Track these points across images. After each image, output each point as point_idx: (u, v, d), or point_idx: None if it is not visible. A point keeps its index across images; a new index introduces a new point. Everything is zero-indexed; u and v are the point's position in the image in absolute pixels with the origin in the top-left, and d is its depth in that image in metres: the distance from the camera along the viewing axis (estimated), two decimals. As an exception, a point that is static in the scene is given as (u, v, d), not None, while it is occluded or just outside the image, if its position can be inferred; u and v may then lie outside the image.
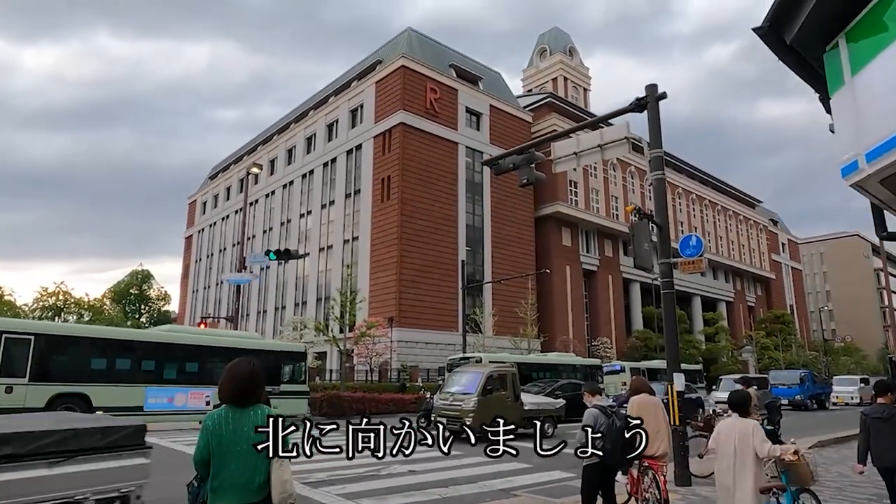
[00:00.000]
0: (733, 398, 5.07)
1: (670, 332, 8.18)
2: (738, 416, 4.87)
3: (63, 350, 14.96)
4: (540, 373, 29.41)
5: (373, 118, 42.15)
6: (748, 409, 4.98)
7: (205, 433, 3.02)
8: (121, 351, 15.86)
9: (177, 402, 16.26)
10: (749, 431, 4.64)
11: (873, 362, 78.44)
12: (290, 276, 48.57)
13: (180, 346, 17.10)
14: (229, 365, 3.19)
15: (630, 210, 7.85)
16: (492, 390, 12.57)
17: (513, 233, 45.27)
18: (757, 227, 74.91)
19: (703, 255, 8.33)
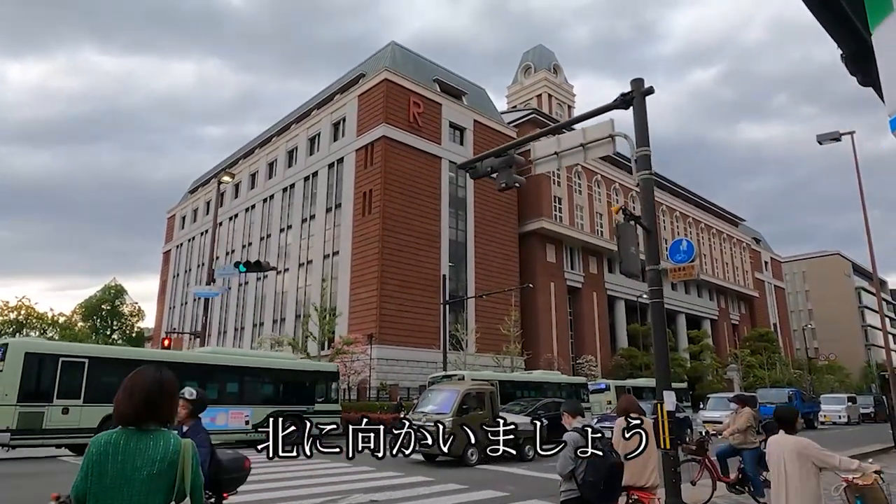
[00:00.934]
0: (781, 413, 4.68)
1: (660, 344, 7.47)
2: (785, 432, 4.51)
3: (114, 372, 15.20)
4: (523, 391, 28.75)
5: (355, 132, 41.53)
6: (795, 424, 4.61)
7: (86, 461, 2.16)
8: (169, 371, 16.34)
9: (218, 422, 16.68)
10: (802, 447, 4.31)
11: (856, 380, 78.59)
12: (269, 292, 47.41)
13: (222, 367, 17.73)
14: (131, 374, 2.42)
15: (616, 210, 7.18)
16: (468, 409, 11.72)
17: (497, 249, 44.65)
18: (740, 245, 75.13)
19: (693, 260, 7.67)
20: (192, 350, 28.59)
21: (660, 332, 7.48)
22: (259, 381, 18.65)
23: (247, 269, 18.28)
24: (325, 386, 19.95)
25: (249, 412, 17.45)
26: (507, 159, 10.35)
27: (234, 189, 56.25)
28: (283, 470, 11.42)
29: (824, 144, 17.30)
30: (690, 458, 7.85)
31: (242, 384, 18.02)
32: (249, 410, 17.47)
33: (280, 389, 19.16)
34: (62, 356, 14.45)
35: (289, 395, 19.10)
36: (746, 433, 7.78)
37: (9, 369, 13.50)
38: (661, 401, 7.19)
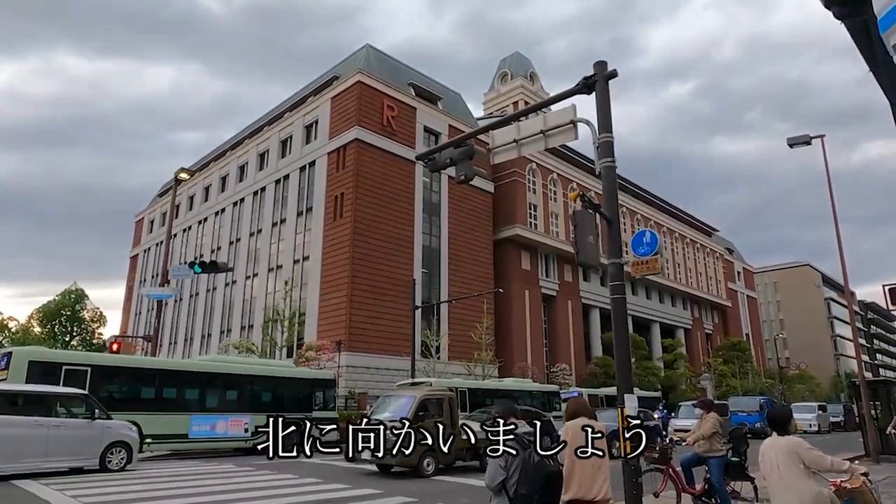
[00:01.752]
0: (773, 415, 4.73)
1: (621, 345, 6.91)
2: (778, 434, 4.53)
3: (116, 380, 15.79)
4: (494, 399, 28.48)
5: (327, 134, 40.76)
6: (789, 426, 4.59)
7: None
8: (168, 380, 16.65)
9: (218, 430, 16.91)
10: (794, 446, 4.31)
11: (826, 389, 79.60)
12: (238, 297, 46.18)
13: (221, 375, 17.86)
14: None
15: (574, 197, 6.62)
16: (425, 417, 11.05)
17: (471, 255, 44.12)
18: (714, 255, 75.80)
19: (658, 253, 7.16)
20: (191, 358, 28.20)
21: (621, 332, 6.92)
22: (258, 389, 18.80)
23: (202, 270, 17.42)
24: (323, 393, 20.25)
25: (248, 420, 17.52)
26: (466, 150, 9.75)
27: (204, 192, 54.96)
28: (227, 482, 10.62)
29: (795, 148, 17.11)
30: (653, 467, 7.27)
31: (241, 392, 18.17)
32: (248, 418, 17.53)
33: (278, 397, 19.28)
34: (65, 364, 14.55)
35: (287, 403, 19.19)
36: (712, 440, 7.26)
37: (13, 378, 13.47)
38: (620, 405, 6.61)
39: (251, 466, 12.88)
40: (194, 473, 12.12)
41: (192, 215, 55.84)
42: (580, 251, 6.30)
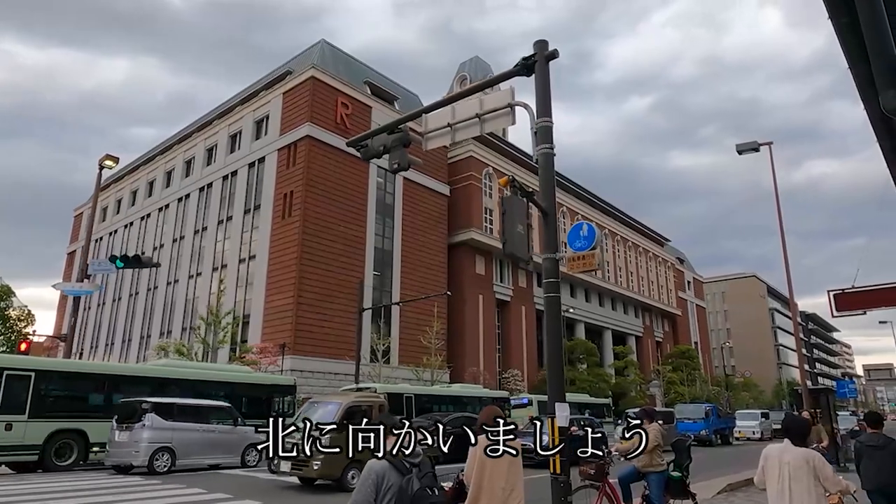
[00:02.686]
0: (791, 423, 4.52)
1: (554, 348, 6.26)
2: (793, 443, 4.32)
3: (62, 386, 15.29)
4: (441, 405, 27.96)
5: (278, 130, 39.41)
6: (806, 437, 4.39)
7: None
8: (118, 386, 16.25)
9: None
10: (812, 460, 4.14)
11: (769, 397, 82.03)
12: (180, 298, 44.11)
13: (174, 381, 17.45)
14: None
15: (504, 182, 5.95)
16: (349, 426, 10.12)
17: (425, 258, 43.37)
18: (665, 264, 77.18)
19: (595, 248, 6.56)
20: (128, 361, 26.75)
21: (554, 334, 6.27)
22: (213, 395, 18.33)
23: (124, 265, 16.07)
24: (281, 400, 19.85)
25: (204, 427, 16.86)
26: (400, 137, 9.01)
27: (148, 187, 52.55)
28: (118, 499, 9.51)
29: (744, 154, 17.04)
30: (588, 483, 6.64)
31: (196, 397, 17.38)
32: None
33: (236, 403, 18.47)
34: (6, 369, 14.06)
35: (245, 410, 18.56)
36: (652, 453, 6.68)
37: None
38: (551, 414, 5.95)
39: (158, 479, 11.74)
40: (79, 490, 10.92)
41: (133, 211, 53.31)
42: (507, 241, 5.62)
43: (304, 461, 9.53)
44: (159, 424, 13.32)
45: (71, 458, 14.57)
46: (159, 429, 13.26)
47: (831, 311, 9.23)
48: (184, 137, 51.57)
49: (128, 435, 13.27)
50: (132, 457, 13.04)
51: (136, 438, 13.09)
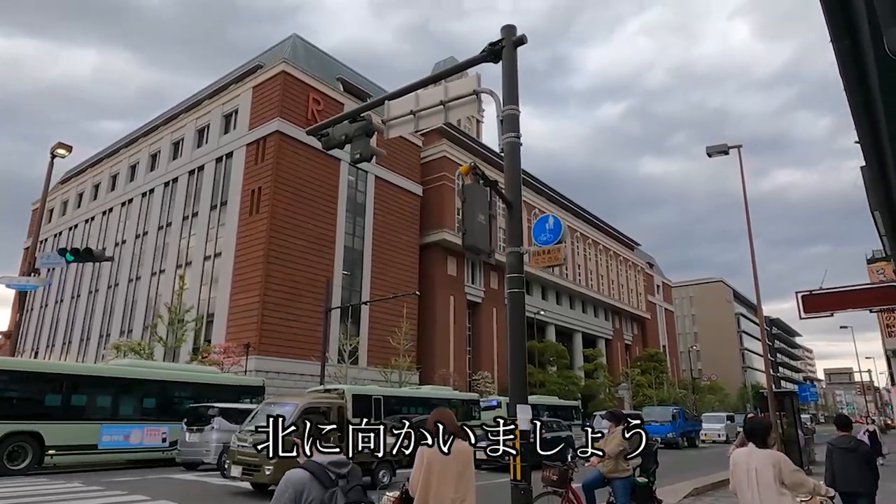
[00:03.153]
0: (752, 426, 4.54)
1: (517, 347, 5.93)
2: (756, 446, 4.34)
3: (15, 386, 14.75)
4: (411, 407, 27.78)
5: (247, 125, 38.49)
6: (767, 438, 4.37)
7: None
8: (76, 386, 15.68)
9: (132, 440, 16.17)
10: (777, 462, 4.14)
11: (734, 400, 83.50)
12: (142, 296, 42.75)
13: (137, 381, 16.92)
14: None
15: (466, 171, 5.59)
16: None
17: (396, 258, 42.86)
18: (636, 268, 78.00)
19: (562, 241, 6.25)
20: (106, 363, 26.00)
21: (517, 332, 5.94)
22: (179, 396, 17.96)
23: (74, 259, 15.26)
24: (251, 401, 19.27)
25: (167, 429, 16.73)
26: (363, 126, 8.56)
27: (111, 181, 50.91)
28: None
29: (713, 157, 17.03)
30: (550, 490, 6.31)
31: (160, 399, 17.38)
32: (167, 427, 16.73)
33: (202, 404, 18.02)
34: None
35: None
36: (618, 459, 6.39)
37: None
38: (513, 417, 5.61)
39: (101, 486, 11.07)
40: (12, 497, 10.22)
41: (95, 205, 51.59)
42: (467, 232, 5.27)
43: (256, 466, 9.03)
44: (226, 427, 14.25)
45: (25, 462, 13.94)
46: (226, 430, 14.07)
47: (799, 312, 9.10)
48: (149, 131, 50.12)
49: (198, 436, 14.70)
50: (203, 455, 14.41)
51: (207, 439, 14.44)
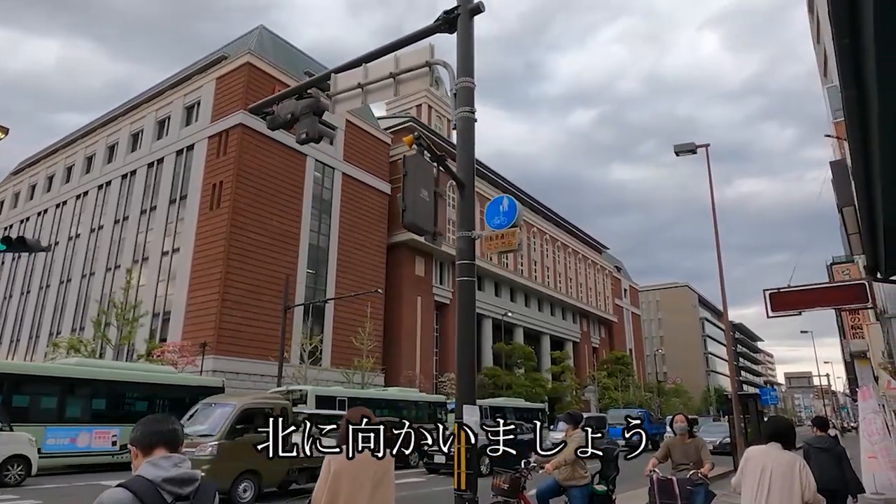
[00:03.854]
0: (778, 425, 4.21)
1: (465, 340, 5.38)
2: (782, 447, 4.08)
3: None
4: (377, 409, 27.23)
5: (209, 117, 37.28)
6: (794, 441, 4.14)
7: None
8: (19, 386, 15.00)
9: (80, 443, 15.35)
10: (800, 468, 3.94)
11: (697, 403, 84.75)
12: (95, 292, 40.96)
13: (86, 381, 16.08)
14: None
15: (409, 142, 5.01)
16: (244, 431, 8.89)
17: (362, 257, 42.02)
18: (603, 271, 78.52)
19: (516, 224, 5.72)
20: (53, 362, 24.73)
21: (466, 323, 5.39)
22: (131, 397, 17.19)
23: (7, 248, 14.12)
24: None
25: (118, 431, 15.79)
26: (310, 103, 7.92)
27: (66, 172, 48.87)
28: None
29: (681, 156, 16.81)
30: (501, 499, 5.75)
31: (111, 400, 16.56)
32: (118, 430, 15.77)
33: (156, 406, 17.43)
34: None
35: (166, 413, 16.23)
36: (575, 466, 5.86)
37: None
38: (459, 420, 5.04)
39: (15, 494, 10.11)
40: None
41: (48, 198, 49.46)
42: (408, 209, 4.67)
43: (187, 472, 8.30)
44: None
45: None
46: None
47: (766, 311, 8.75)
48: (108, 121, 48.25)
49: None
50: None
51: None
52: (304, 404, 24.46)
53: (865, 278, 8.60)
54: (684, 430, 6.48)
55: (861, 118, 4.82)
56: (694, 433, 6.79)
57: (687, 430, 6.50)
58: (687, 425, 6.58)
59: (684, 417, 6.72)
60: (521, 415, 38.35)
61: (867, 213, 6.33)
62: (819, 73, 26.65)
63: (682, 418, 6.69)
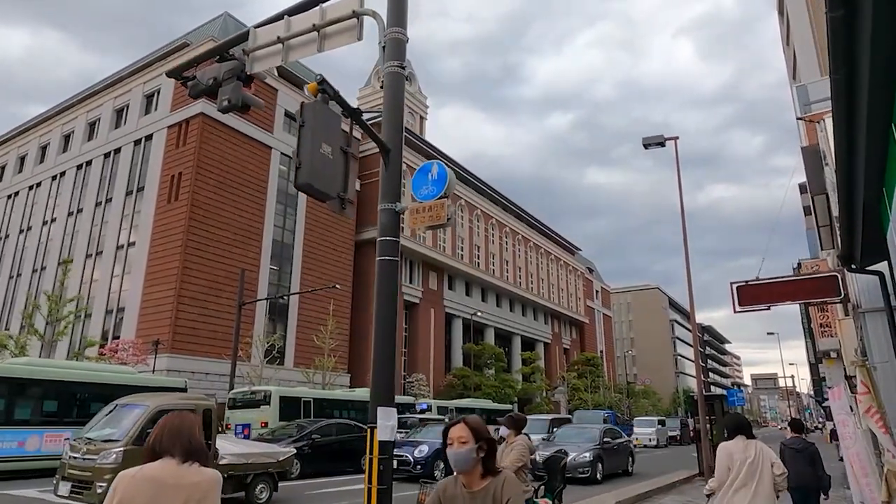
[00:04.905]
0: (738, 421, 5.10)
1: (384, 329, 4.61)
2: (746, 437, 4.85)
3: None
4: (341, 410, 26.75)
5: (169, 106, 35.83)
6: (752, 433, 4.91)
7: None
8: None
9: (28, 447, 14.55)
10: (773, 458, 4.75)
11: (667, 404, 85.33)
12: (47, 286, 39.05)
13: (37, 382, 15.23)
14: None
15: (314, 88, 4.19)
16: None
17: (329, 254, 40.92)
18: (575, 273, 78.47)
19: (446, 194, 4.96)
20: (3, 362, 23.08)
21: (386, 310, 4.61)
22: (86, 399, 16.07)
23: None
24: None
25: (71, 435, 14.32)
26: (233, 66, 6.96)
27: (19, 162, 46.73)
28: None
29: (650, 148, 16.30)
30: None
31: (64, 402, 15.71)
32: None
33: None
34: None
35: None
36: (517, 476, 5.05)
37: None
38: (372, 423, 4.25)
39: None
40: None
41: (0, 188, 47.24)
42: (302, 167, 3.84)
43: (87, 483, 7.30)
44: None
45: None
46: None
47: (733, 305, 8.14)
48: (64, 109, 46.23)
49: None
50: None
51: None
52: (268, 405, 23.51)
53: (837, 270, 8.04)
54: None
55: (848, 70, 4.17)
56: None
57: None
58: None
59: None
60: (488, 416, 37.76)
61: (846, 196, 5.69)
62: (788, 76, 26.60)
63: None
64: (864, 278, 7.13)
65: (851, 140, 4.92)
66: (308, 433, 14.07)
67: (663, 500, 10.32)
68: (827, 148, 8.05)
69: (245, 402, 23.57)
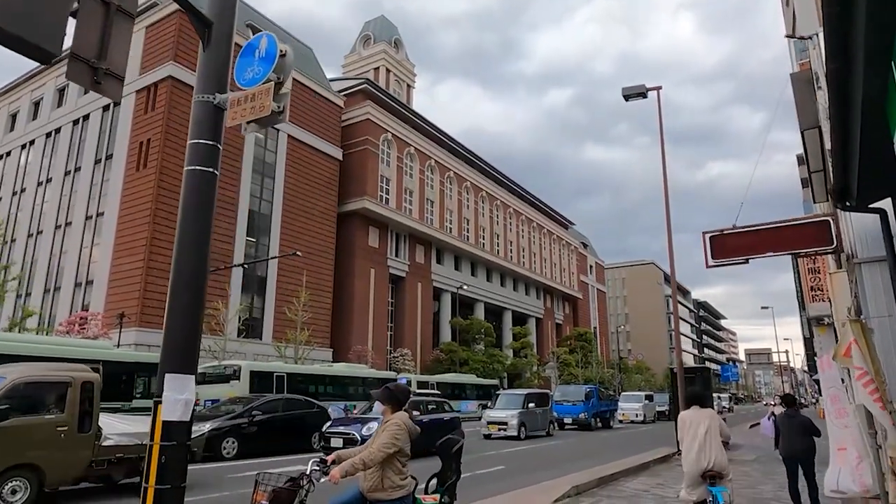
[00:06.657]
0: (695, 393, 6.42)
1: (188, 258, 3.37)
2: (701, 407, 5.77)
3: None
4: (320, 386, 25.90)
5: (138, 69, 34.12)
6: (707, 403, 6.21)
7: None
8: None
9: None
10: (717, 418, 5.73)
11: (660, 380, 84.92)
12: (17, 258, 37.83)
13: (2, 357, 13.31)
14: None
15: None
16: (8, 412, 6.59)
17: (310, 226, 39.58)
18: (569, 247, 77.28)
19: (280, 79, 3.66)
20: None
21: (195, 235, 3.34)
22: None
23: None
24: (147, 380, 17.36)
25: None
26: None
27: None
28: None
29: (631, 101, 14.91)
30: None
31: None
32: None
33: None
34: None
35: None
36: (387, 469, 3.66)
37: None
38: (157, 398, 3.00)
39: None
40: None
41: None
42: None
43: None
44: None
45: None
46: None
47: (706, 259, 6.88)
48: (31, 76, 44.39)
49: None
50: None
51: None
52: (238, 381, 22.62)
53: (829, 214, 6.76)
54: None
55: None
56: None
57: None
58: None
59: None
60: (477, 392, 36.87)
61: (841, 121, 4.35)
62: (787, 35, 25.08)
63: None
64: (860, 223, 5.85)
65: (847, 33, 3.56)
66: (248, 409, 12.92)
67: (629, 484, 9.17)
68: (820, 67, 6.71)
69: (215, 376, 22.71)
